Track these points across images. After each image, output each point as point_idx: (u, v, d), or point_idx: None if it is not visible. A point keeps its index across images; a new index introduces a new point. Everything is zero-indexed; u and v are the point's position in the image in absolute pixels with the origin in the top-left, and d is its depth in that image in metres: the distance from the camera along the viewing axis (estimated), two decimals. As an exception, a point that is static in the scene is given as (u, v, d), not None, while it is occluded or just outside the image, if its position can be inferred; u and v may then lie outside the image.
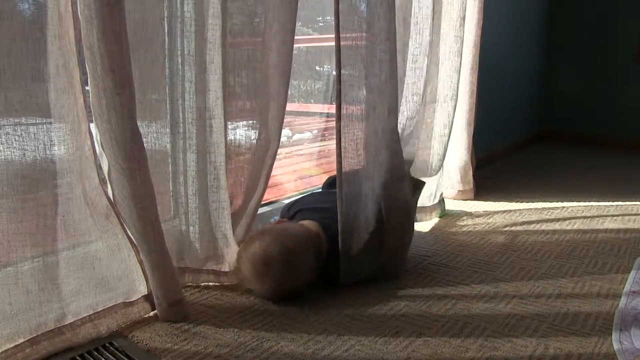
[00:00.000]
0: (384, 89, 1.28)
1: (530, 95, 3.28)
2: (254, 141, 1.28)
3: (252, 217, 1.31)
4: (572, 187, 2.27)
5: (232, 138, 1.23)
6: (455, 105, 1.81)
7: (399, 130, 1.39)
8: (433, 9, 1.57)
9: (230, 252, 1.21)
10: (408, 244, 1.37)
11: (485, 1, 1.92)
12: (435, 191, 1.81)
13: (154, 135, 1.11)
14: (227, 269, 1.22)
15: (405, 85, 1.55)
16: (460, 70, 1.79)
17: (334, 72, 1.39)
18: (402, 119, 1.54)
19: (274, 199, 1.71)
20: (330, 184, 1.59)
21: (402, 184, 1.33)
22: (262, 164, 1.27)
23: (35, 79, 0.87)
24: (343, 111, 1.22)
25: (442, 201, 1.84)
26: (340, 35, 1.18)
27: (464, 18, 1.75)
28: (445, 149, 1.85)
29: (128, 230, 1.02)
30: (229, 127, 1.20)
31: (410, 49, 1.56)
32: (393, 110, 1.30)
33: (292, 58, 1.23)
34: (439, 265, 1.37)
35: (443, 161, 1.84)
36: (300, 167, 2.24)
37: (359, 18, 1.24)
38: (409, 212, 1.35)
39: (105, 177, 1.02)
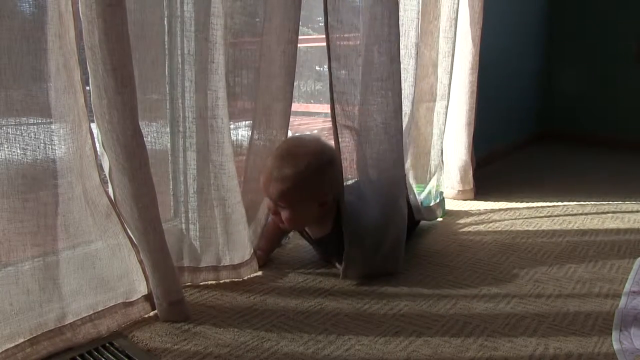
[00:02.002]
0: (382, 88, 1.30)
1: (530, 95, 3.28)
2: (255, 142, 1.28)
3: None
4: (572, 187, 2.27)
5: (233, 139, 1.23)
6: (447, 105, 1.82)
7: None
8: (419, 12, 1.59)
9: (232, 250, 1.22)
10: (403, 241, 1.35)
11: (485, 1, 1.93)
12: (435, 191, 1.82)
13: (154, 135, 1.11)
14: (227, 263, 1.22)
15: None
16: (451, 71, 1.80)
17: (351, 72, 1.38)
18: None
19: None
20: None
21: (401, 185, 1.36)
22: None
23: (36, 79, 0.87)
24: (337, 110, 1.26)
25: (442, 201, 1.84)
26: (330, 36, 1.22)
27: (455, 19, 1.76)
28: (440, 149, 1.85)
29: (128, 230, 1.03)
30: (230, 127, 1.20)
31: None
32: (395, 111, 1.32)
33: (297, 58, 1.23)
34: (439, 265, 1.37)
35: (437, 161, 1.85)
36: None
37: (354, 18, 1.29)
38: (404, 211, 1.37)
39: (106, 176, 1.02)
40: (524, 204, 1.98)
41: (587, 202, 2.01)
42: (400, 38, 1.53)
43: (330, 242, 1.30)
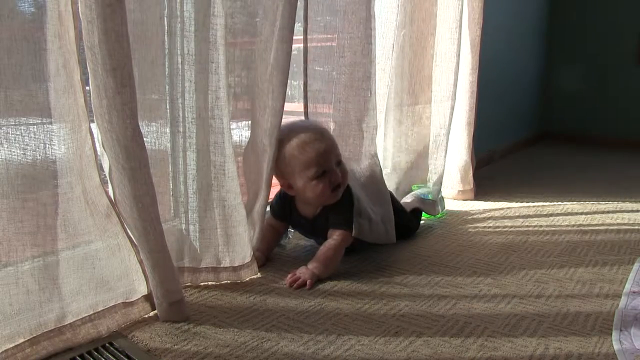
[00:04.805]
0: (362, 88, 1.43)
1: (530, 95, 3.28)
2: (252, 142, 1.28)
3: (261, 221, 1.31)
4: (572, 187, 2.27)
5: (234, 139, 1.23)
6: (453, 106, 1.82)
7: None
8: (398, 14, 1.63)
9: (232, 252, 1.22)
10: (392, 219, 1.45)
11: (485, 1, 1.93)
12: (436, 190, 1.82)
13: (154, 135, 1.11)
14: (226, 265, 1.22)
15: None
16: (457, 72, 1.80)
17: (333, 73, 1.43)
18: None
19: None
20: None
21: (377, 173, 1.49)
22: (261, 165, 1.27)
23: (36, 79, 0.87)
24: (310, 108, 1.43)
25: (441, 200, 1.84)
26: (307, 37, 1.36)
27: (460, 20, 1.76)
28: (445, 149, 1.85)
29: (128, 230, 1.02)
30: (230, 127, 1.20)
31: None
32: (371, 108, 1.45)
33: (292, 58, 1.23)
34: (439, 265, 1.37)
35: (441, 161, 1.85)
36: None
37: (335, 21, 1.40)
38: (386, 196, 1.49)
39: (105, 176, 1.02)
40: (524, 204, 1.98)
41: (587, 202, 2.01)
42: (379, 40, 1.58)
43: (332, 210, 1.32)
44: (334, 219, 1.32)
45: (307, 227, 1.41)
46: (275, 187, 1.37)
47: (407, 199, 1.69)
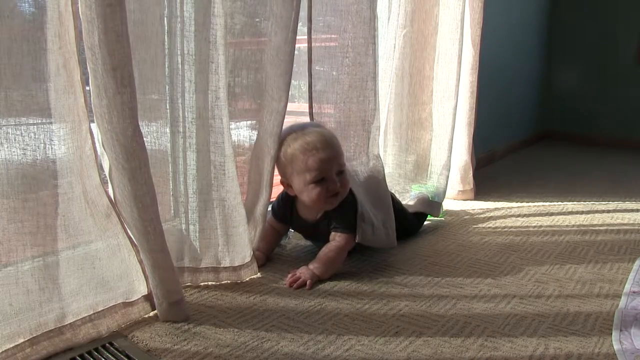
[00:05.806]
0: (366, 88, 1.43)
1: (530, 95, 3.28)
2: (254, 142, 1.28)
3: (262, 222, 1.31)
4: (572, 187, 2.27)
5: (234, 139, 1.23)
6: (455, 106, 1.82)
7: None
8: (398, 14, 1.64)
9: (232, 252, 1.22)
10: (393, 222, 1.45)
11: (485, 1, 1.93)
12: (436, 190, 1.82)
13: (154, 135, 1.11)
14: (226, 265, 1.22)
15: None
16: (459, 72, 1.81)
17: (333, 72, 1.43)
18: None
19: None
20: None
21: (380, 173, 1.48)
22: (263, 165, 1.27)
23: (36, 79, 0.87)
24: (315, 109, 1.43)
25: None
26: (313, 37, 1.38)
27: (461, 20, 1.77)
28: (448, 150, 1.85)
29: (128, 230, 1.02)
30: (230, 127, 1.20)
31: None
32: (374, 109, 1.45)
33: (294, 58, 1.23)
34: (439, 265, 1.37)
35: (444, 161, 1.85)
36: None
37: (339, 21, 1.41)
38: (387, 198, 1.48)
39: (105, 176, 1.02)
40: (524, 204, 1.98)
41: (587, 202, 2.01)
42: (380, 40, 1.58)
43: (335, 213, 1.32)
44: (337, 222, 1.32)
45: (308, 231, 1.41)
46: (277, 188, 1.37)
47: (410, 201, 1.69)
